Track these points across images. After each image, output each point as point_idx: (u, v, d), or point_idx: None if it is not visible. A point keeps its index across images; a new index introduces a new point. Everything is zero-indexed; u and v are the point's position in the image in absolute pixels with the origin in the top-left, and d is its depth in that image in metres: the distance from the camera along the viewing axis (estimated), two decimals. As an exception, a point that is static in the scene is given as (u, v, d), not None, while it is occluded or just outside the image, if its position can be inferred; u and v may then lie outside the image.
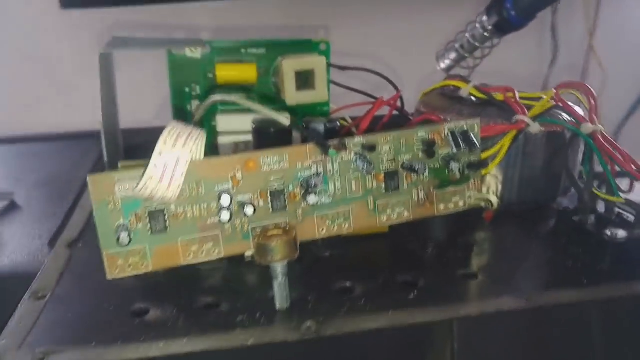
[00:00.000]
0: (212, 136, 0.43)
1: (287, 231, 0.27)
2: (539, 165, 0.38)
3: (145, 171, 0.23)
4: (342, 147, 0.29)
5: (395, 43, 0.65)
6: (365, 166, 0.28)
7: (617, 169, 0.35)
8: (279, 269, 0.26)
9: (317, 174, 0.28)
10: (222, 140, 0.43)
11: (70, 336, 0.25)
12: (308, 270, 0.31)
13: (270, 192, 0.28)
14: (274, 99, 0.42)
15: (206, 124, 0.43)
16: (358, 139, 0.29)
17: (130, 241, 0.25)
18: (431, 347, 0.30)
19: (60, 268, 0.30)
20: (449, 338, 0.30)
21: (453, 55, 0.56)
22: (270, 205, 0.28)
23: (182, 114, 0.42)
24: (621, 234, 0.33)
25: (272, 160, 0.27)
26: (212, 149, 0.43)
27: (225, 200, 0.26)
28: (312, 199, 0.27)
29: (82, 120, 0.51)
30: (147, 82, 0.50)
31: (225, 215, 0.25)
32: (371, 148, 0.29)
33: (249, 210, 0.26)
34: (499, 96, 0.39)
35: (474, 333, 0.29)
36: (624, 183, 0.36)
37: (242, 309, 0.27)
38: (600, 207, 0.36)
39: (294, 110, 0.42)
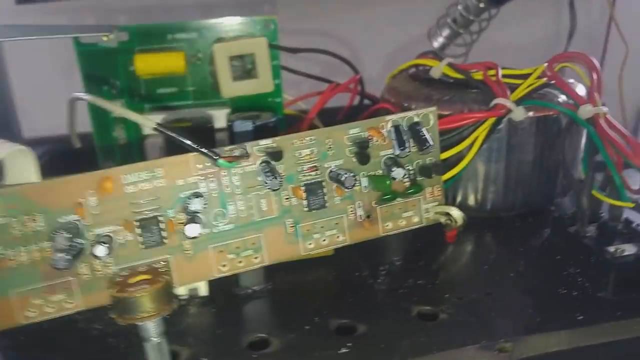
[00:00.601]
0: (140, 140, 0.36)
1: (158, 275, 0.19)
2: (528, 159, 0.30)
3: None
4: (242, 155, 0.21)
5: (358, 15, 0.55)
6: (270, 181, 0.21)
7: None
8: (150, 328, 0.19)
9: (196, 196, 0.20)
10: (151, 143, 0.36)
11: None
12: (215, 316, 0.24)
13: (139, 220, 0.20)
14: (212, 93, 0.35)
15: (131, 127, 0.36)
16: (264, 143, 0.21)
17: None
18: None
19: None
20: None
21: (446, 32, 0.48)
22: (140, 239, 0.20)
23: (101, 116, 0.36)
24: (629, 249, 0.25)
25: (139, 178, 0.20)
26: (140, 151, 0.36)
27: (61, 240, 0.18)
28: (191, 230, 0.20)
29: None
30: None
31: (62, 262, 0.18)
32: (276, 155, 0.21)
33: (100, 251, 0.19)
34: (479, 75, 0.31)
35: None
36: (635, 179, 0.27)
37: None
38: (605, 212, 0.28)
39: (237, 103, 0.35)
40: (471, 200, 0.31)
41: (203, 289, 0.24)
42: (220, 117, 0.33)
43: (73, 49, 0.34)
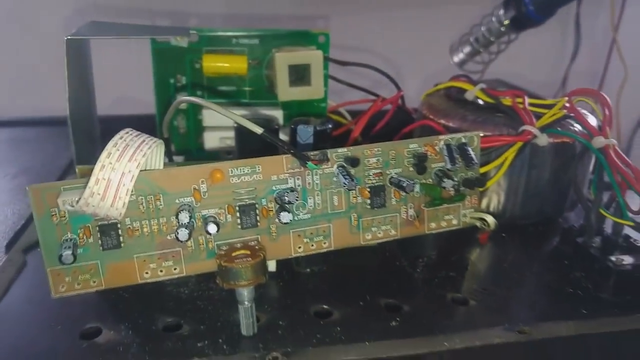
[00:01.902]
0: (198, 132, 0.40)
1: (255, 252, 0.24)
2: (545, 178, 0.35)
3: (86, 186, 0.20)
4: (324, 158, 0.26)
5: (401, 36, 0.61)
6: (347, 182, 0.25)
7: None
8: (245, 294, 0.24)
9: (291, 190, 0.25)
10: (209, 136, 0.40)
11: (8, 357, 0.22)
12: (283, 289, 0.28)
13: (240, 206, 0.25)
14: (266, 94, 0.39)
15: (192, 118, 0.40)
16: (341, 151, 0.26)
17: (74, 259, 0.22)
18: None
19: (10, 278, 0.27)
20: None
21: (467, 49, 0.53)
22: (239, 221, 0.25)
23: (165, 106, 0.40)
24: (627, 260, 0.30)
25: (242, 172, 0.25)
26: (197, 146, 0.41)
27: (184, 217, 0.23)
28: (285, 217, 0.24)
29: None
30: (133, 71, 0.47)
31: (182, 234, 0.23)
32: (354, 162, 0.26)
33: (212, 228, 0.23)
34: (507, 101, 0.36)
35: None
36: (635, 201, 0.32)
37: (205, 333, 0.25)
38: (608, 228, 0.33)
39: (287, 107, 0.40)
40: (493, 208, 0.36)
41: (272, 266, 0.29)
42: (278, 118, 0.38)
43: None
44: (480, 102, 0.37)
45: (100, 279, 0.24)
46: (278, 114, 0.38)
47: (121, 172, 0.20)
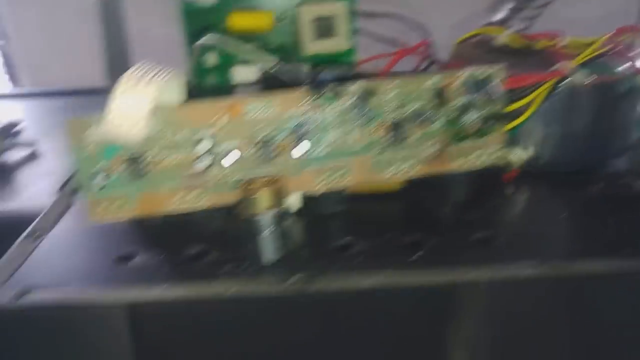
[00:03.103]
0: (228, 85, 0.41)
1: (272, 183, 0.25)
2: (585, 121, 0.33)
3: (106, 116, 0.22)
4: (341, 92, 0.26)
5: None
6: (364, 116, 0.25)
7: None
8: (264, 220, 0.25)
9: (308, 124, 0.25)
10: (240, 91, 0.41)
11: (53, 277, 0.25)
12: (306, 226, 0.29)
13: (257, 141, 0.26)
14: (291, 49, 0.40)
15: (222, 76, 0.41)
16: (357, 84, 0.26)
17: (105, 186, 0.24)
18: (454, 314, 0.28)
19: (60, 212, 0.30)
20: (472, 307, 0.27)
21: (509, 4, 0.51)
22: (258, 155, 0.26)
23: (198, 63, 0.41)
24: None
25: (259, 107, 0.26)
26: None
27: (205, 146, 0.24)
28: (300, 150, 0.25)
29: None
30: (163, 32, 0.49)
31: (203, 162, 0.24)
32: (371, 94, 0.26)
33: (232, 157, 0.25)
34: (542, 44, 0.34)
35: (495, 299, 0.26)
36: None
37: (230, 259, 0.26)
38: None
39: (314, 61, 0.40)
40: (527, 155, 0.35)
41: (294, 202, 0.30)
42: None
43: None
44: (513, 49, 0.36)
45: (131, 208, 0.26)
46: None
47: (137, 99, 0.22)
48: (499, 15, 0.52)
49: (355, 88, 0.26)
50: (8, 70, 0.66)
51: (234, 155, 0.25)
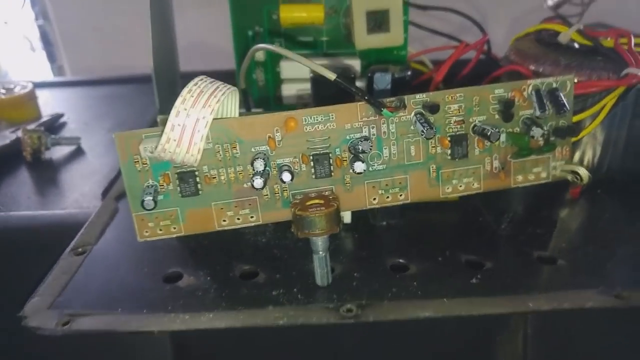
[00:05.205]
0: (276, 84, 0.40)
1: (329, 201, 0.24)
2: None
3: (162, 133, 0.21)
4: (401, 105, 0.24)
5: None
6: (425, 130, 0.24)
7: None
8: (319, 243, 0.24)
9: (366, 139, 0.24)
10: (286, 88, 0.40)
11: (99, 299, 0.24)
12: (358, 241, 0.28)
13: (313, 155, 0.24)
14: (344, 43, 0.38)
15: (270, 70, 0.40)
16: (419, 97, 0.25)
17: (155, 205, 0.23)
18: (502, 335, 0.27)
19: (104, 222, 0.29)
20: (520, 330, 0.26)
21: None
22: (313, 170, 0.25)
23: (243, 58, 0.40)
24: None
25: (316, 120, 0.24)
26: (275, 98, 0.41)
27: (259, 165, 0.23)
28: (359, 166, 0.24)
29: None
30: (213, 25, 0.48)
31: (258, 182, 0.23)
32: (433, 109, 0.24)
33: (286, 176, 0.23)
34: (609, 42, 0.32)
35: (549, 330, 0.25)
36: None
37: (280, 282, 0.25)
38: None
39: (366, 55, 0.38)
40: (587, 162, 0.33)
41: (347, 218, 0.29)
42: (356, 67, 0.37)
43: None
44: (576, 45, 0.34)
45: (180, 225, 0.24)
46: (356, 64, 0.37)
47: (195, 117, 0.20)
48: (550, 1, 0.49)
49: (417, 100, 0.24)
50: (47, 50, 0.66)
51: (289, 171, 0.23)
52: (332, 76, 0.23)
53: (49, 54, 0.66)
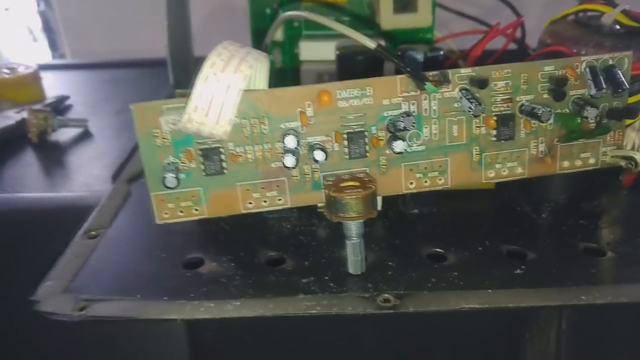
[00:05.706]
0: (295, 65, 0.38)
1: (366, 183, 0.22)
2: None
3: (188, 101, 0.19)
4: (444, 80, 0.22)
5: None
6: (473, 106, 0.22)
7: None
8: (353, 228, 0.22)
9: (407, 115, 0.22)
10: (306, 70, 0.38)
11: (116, 284, 0.22)
12: (391, 229, 0.26)
13: (348, 134, 0.22)
14: (367, 22, 0.36)
15: (288, 51, 0.38)
16: (465, 71, 0.23)
17: (178, 183, 0.21)
18: (532, 332, 0.25)
19: (117, 206, 0.27)
20: (554, 325, 0.24)
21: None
22: (346, 150, 0.23)
23: (261, 39, 0.38)
24: None
25: (351, 94, 0.22)
26: (294, 81, 0.39)
27: (291, 141, 0.21)
28: (398, 145, 0.22)
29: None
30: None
31: (289, 160, 0.21)
32: (482, 83, 0.22)
33: (319, 155, 0.21)
34: (655, 24, 0.30)
35: (586, 326, 0.23)
36: None
37: (309, 269, 0.23)
38: None
39: (390, 37, 0.36)
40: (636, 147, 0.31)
41: (378, 204, 0.27)
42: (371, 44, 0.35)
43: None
44: (618, 27, 0.32)
45: (202, 207, 0.23)
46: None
47: (227, 84, 0.18)
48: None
49: (464, 74, 0.22)
50: (48, 37, 0.64)
51: (322, 149, 0.21)
52: (372, 44, 0.21)
53: (50, 42, 0.65)
